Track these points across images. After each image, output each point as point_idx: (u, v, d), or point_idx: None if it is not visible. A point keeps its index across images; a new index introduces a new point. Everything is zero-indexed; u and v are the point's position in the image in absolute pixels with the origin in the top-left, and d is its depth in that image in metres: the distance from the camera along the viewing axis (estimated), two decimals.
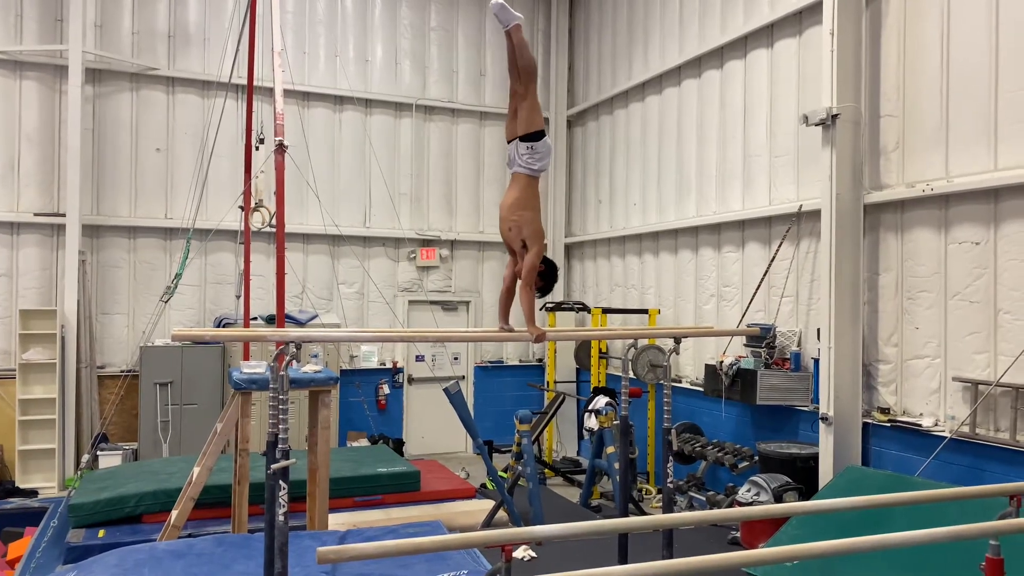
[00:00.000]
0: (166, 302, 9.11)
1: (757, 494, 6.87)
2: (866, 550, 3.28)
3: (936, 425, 6.34)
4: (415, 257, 11.61)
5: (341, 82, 11.02)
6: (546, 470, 9.94)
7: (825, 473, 6.83)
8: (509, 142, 4.44)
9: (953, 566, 4.50)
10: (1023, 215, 5.78)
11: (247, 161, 9.01)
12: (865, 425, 6.89)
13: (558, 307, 10.86)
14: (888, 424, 6.69)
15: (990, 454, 5.91)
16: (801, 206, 7.65)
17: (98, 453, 9.21)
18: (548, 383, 11.02)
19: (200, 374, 9.61)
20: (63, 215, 9.51)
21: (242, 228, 9.08)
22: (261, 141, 8.66)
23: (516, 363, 12.24)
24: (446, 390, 7.36)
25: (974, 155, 6.12)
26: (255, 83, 8.89)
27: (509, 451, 8.77)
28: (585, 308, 10.78)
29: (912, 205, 6.64)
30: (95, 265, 10.01)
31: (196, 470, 5.83)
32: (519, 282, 4.39)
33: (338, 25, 11.22)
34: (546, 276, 4.50)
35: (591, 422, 8.64)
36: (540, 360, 12.18)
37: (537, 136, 4.36)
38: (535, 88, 4.44)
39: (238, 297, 9.68)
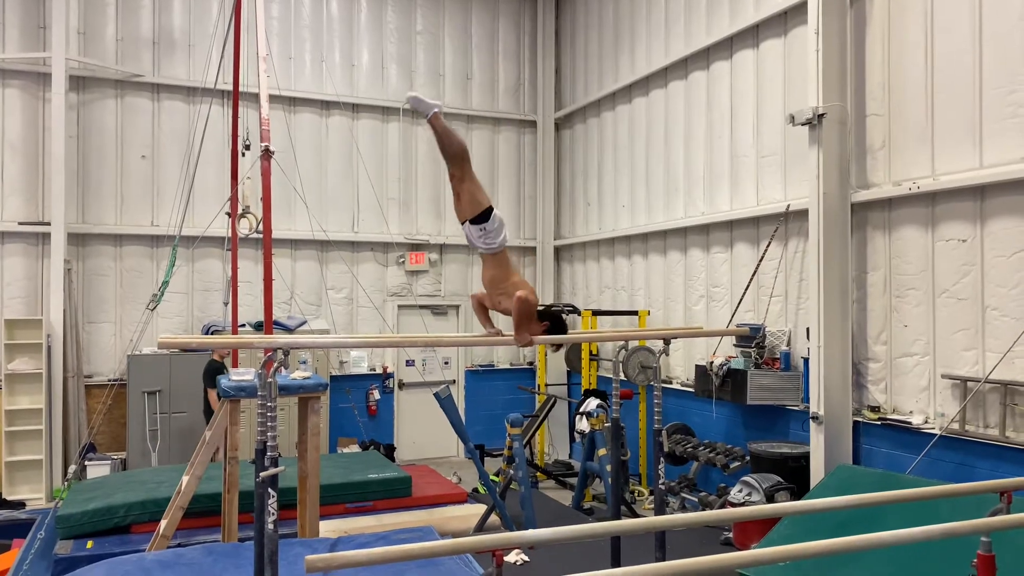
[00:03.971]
0: (153, 310, 9.04)
1: (749, 494, 6.87)
2: (858, 549, 3.28)
3: (926, 423, 6.36)
4: (404, 261, 11.58)
5: (327, 87, 10.98)
6: (538, 473, 9.92)
7: (816, 472, 6.83)
8: (462, 223, 4.25)
9: (945, 563, 4.51)
10: (1008, 212, 5.81)
11: (233, 167, 8.96)
12: (855, 424, 6.91)
13: (547, 310, 10.82)
14: (878, 422, 6.70)
15: (980, 451, 5.93)
16: (789, 206, 7.67)
17: (86, 463, 9.14)
18: (539, 386, 11.00)
19: (188, 382, 9.54)
20: (48, 223, 9.43)
21: (229, 235, 9.02)
22: (247, 147, 8.61)
23: (507, 366, 12.22)
24: (437, 395, 7.33)
25: (960, 153, 6.15)
26: (241, 89, 8.83)
27: (501, 455, 8.74)
28: (575, 310, 10.76)
29: (899, 203, 6.66)
30: (81, 273, 9.93)
31: (185, 479, 5.78)
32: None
33: (323, 30, 11.19)
34: (556, 322, 4.55)
35: (582, 424, 8.63)
36: (531, 363, 12.17)
37: (485, 216, 4.17)
38: (470, 169, 4.23)
39: (226, 304, 9.62)
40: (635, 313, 10.04)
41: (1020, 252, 5.73)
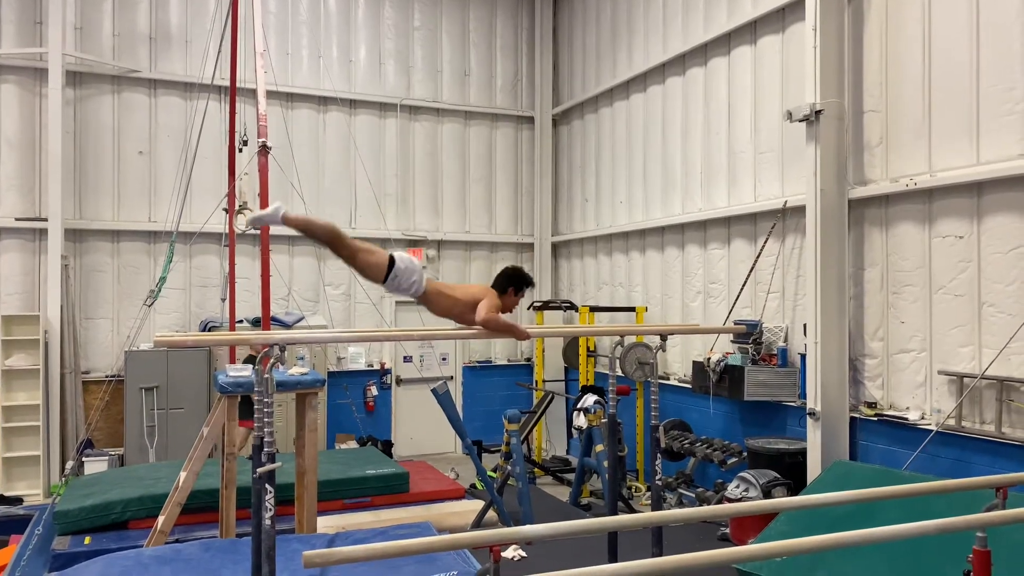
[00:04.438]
0: (150, 306, 9.05)
1: (746, 490, 6.89)
2: (855, 544, 3.29)
3: (922, 418, 6.37)
4: None
5: (325, 83, 10.97)
6: (535, 469, 9.93)
7: (813, 468, 6.84)
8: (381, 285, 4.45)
9: (941, 558, 4.53)
10: (1005, 209, 5.82)
11: (231, 163, 8.96)
12: (852, 419, 6.92)
13: (545, 306, 10.85)
14: (875, 418, 6.72)
15: (976, 446, 5.94)
16: (786, 202, 7.67)
17: (83, 459, 9.14)
18: (536, 382, 11.01)
19: (186, 378, 9.55)
20: (45, 219, 9.41)
21: (226, 230, 9.02)
22: (244, 143, 8.61)
23: (504, 362, 12.22)
24: (434, 391, 7.34)
25: (956, 149, 6.15)
26: (238, 84, 8.83)
27: (498, 451, 8.76)
28: (572, 307, 10.77)
29: (896, 200, 6.67)
30: (78, 269, 9.92)
31: (183, 475, 5.79)
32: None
33: (321, 26, 11.17)
34: (516, 280, 4.61)
35: (580, 420, 8.64)
36: (528, 359, 12.18)
37: (388, 273, 4.36)
38: (348, 241, 4.38)
39: (223, 300, 9.63)
40: (632, 309, 10.04)
41: (1017, 248, 5.75)
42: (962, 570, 3.52)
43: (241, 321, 9.70)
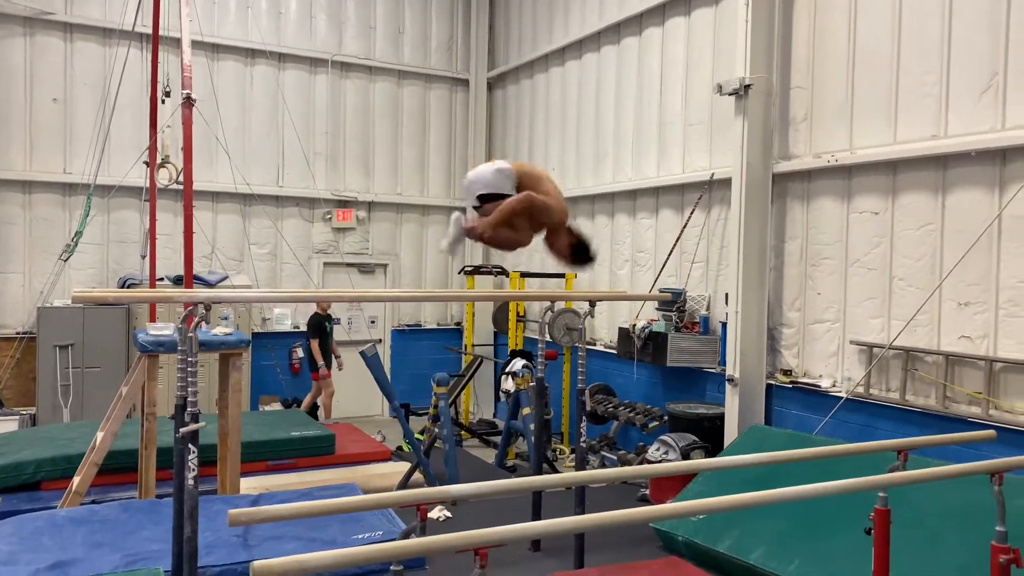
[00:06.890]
0: (66, 261, 8.70)
1: (666, 452, 7.10)
2: (767, 503, 3.45)
3: (834, 386, 6.67)
4: (331, 218, 11.38)
5: (253, 35, 10.60)
6: (463, 432, 10.02)
7: (730, 432, 7.10)
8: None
9: (846, 516, 4.78)
10: (917, 187, 6.08)
11: (152, 115, 8.62)
12: (769, 386, 7.19)
13: (476, 271, 10.86)
14: (790, 385, 7.00)
15: (882, 413, 6.27)
16: (713, 174, 7.83)
17: None
18: (466, 346, 11.06)
19: (103, 336, 9.24)
20: None
21: (147, 185, 8.71)
22: (167, 94, 8.29)
23: (434, 326, 12.22)
24: (362, 353, 7.30)
25: (876, 128, 6.38)
26: (161, 33, 8.47)
27: (426, 414, 8.78)
28: (503, 272, 10.82)
29: (818, 175, 6.89)
30: None
31: (100, 435, 5.64)
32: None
33: None
34: (578, 250, 4.17)
35: (508, 384, 8.73)
36: (458, 323, 12.20)
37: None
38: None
39: (143, 257, 9.32)
40: (562, 276, 10.14)
41: (926, 226, 6.02)
42: (864, 527, 3.74)
43: (162, 279, 9.42)
